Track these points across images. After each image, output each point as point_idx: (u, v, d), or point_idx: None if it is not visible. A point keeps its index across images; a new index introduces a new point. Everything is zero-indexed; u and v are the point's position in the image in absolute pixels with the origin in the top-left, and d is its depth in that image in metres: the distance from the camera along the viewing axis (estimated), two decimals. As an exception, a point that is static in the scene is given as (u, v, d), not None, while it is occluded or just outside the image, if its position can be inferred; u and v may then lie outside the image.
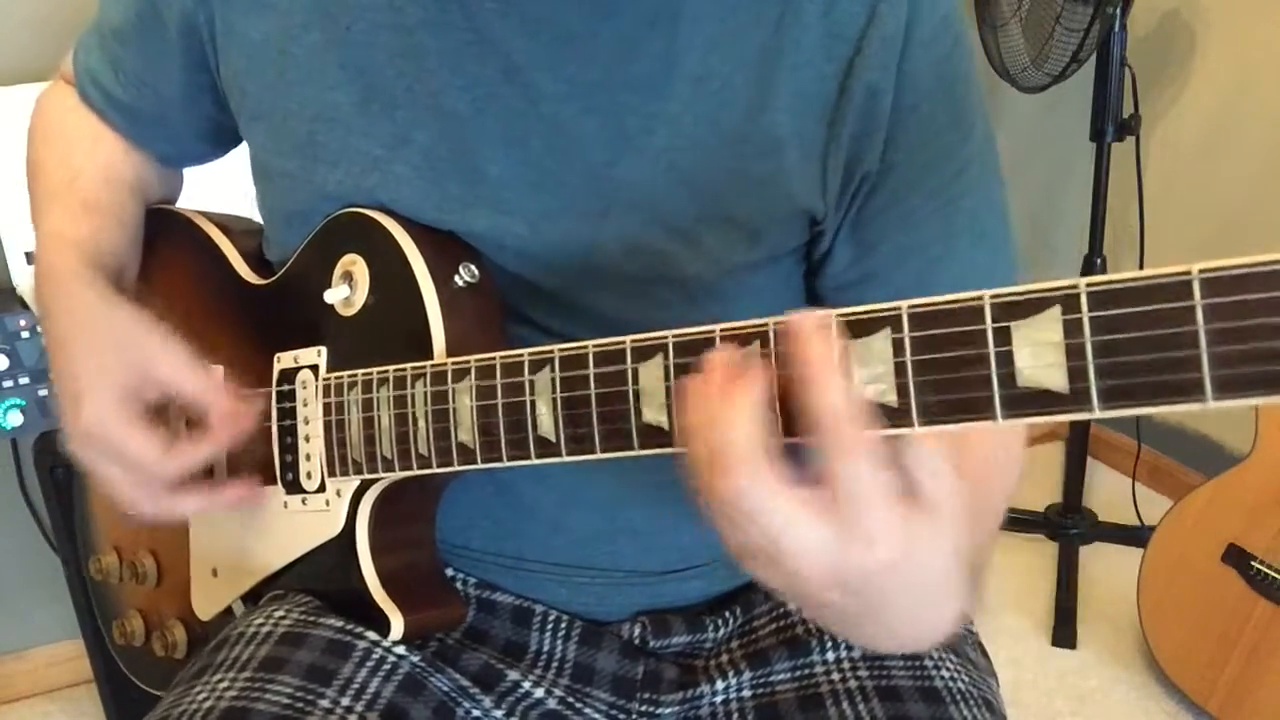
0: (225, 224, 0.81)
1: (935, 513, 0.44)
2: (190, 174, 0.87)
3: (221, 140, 0.79)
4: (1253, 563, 1.48)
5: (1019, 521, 2.06)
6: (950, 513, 0.45)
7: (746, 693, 0.69)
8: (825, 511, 0.42)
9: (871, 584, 0.44)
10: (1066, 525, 2.00)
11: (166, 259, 0.81)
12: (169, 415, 0.75)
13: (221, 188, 0.86)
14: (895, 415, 0.42)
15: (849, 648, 0.69)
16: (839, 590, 0.44)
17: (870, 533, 0.42)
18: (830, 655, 0.69)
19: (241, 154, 0.75)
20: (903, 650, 0.66)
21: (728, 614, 0.74)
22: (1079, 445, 2.02)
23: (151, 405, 0.68)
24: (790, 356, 0.42)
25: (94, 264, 0.71)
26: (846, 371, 0.42)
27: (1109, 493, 2.16)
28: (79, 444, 0.68)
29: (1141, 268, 0.38)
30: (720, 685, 0.70)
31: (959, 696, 0.66)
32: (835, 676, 0.68)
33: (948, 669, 0.68)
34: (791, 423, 0.44)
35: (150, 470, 0.66)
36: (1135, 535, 1.93)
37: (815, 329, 0.42)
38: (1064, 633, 1.79)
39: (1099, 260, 1.84)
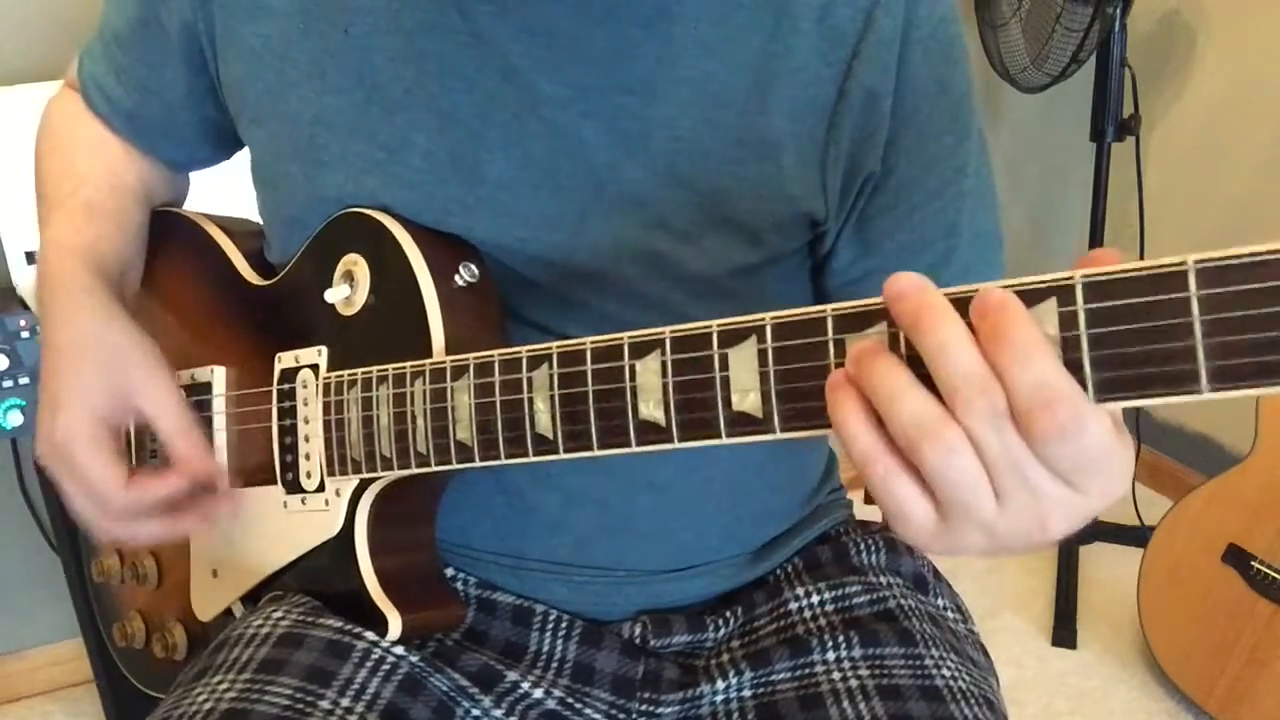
0: (228, 225, 0.81)
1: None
2: (195, 176, 0.87)
3: (225, 143, 0.79)
4: (1253, 563, 1.47)
5: (1019, 522, 2.06)
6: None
7: (747, 692, 0.69)
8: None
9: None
10: (1067, 525, 2.00)
11: (170, 260, 0.81)
12: (144, 439, 0.77)
13: (226, 190, 0.86)
14: None
15: (849, 647, 0.69)
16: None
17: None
18: (830, 655, 0.69)
19: (245, 157, 0.75)
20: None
21: (728, 614, 0.74)
22: (1079, 445, 2.02)
23: (125, 428, 0.68)
24: (991, 332, 0.39)
25: (96, 271, 0.71)
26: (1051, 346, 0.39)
27: (1109, 493, 2.16)
28: (47, 455, 0.68)
29: (1141, 268, 0.38)
30: (721, 685, 0.70)
31: (960, 695, 0.66)
32: (836, 676, 0.67)
33: (948, 668, 0.68)
34: None
35: (108, 499, 0.66)
36: (1135, 535, 1.93)
37: (1007, 303, 0.39)
38: (1064, 633, 1.79)
39: (1099, 260, 1.84)
